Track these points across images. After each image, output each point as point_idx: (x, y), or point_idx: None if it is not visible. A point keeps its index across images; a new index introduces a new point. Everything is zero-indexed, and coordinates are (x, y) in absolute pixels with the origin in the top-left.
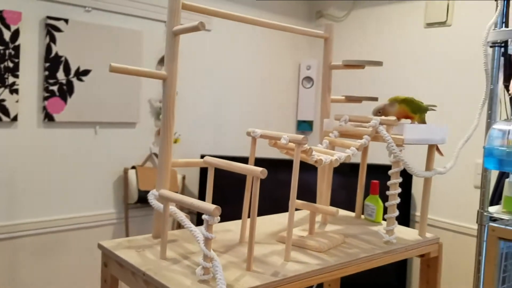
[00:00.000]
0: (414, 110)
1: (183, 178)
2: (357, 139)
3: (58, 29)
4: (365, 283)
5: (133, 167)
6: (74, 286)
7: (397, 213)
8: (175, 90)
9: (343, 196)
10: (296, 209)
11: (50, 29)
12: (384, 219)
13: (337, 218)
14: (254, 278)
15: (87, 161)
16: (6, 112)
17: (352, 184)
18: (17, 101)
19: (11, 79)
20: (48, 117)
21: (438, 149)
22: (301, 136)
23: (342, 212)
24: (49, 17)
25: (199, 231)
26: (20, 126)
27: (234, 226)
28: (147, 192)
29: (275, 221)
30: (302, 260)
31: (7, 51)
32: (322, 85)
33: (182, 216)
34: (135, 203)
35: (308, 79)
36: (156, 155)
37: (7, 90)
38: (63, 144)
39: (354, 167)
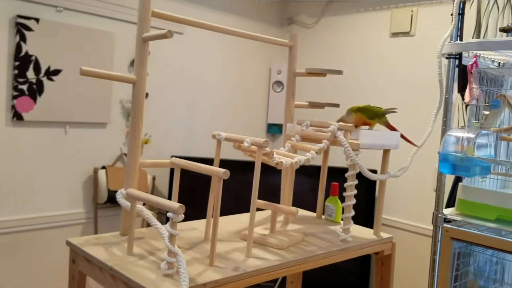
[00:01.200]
0: (370, 116)
1: (153, 178)
2: (317, 143)
3: (29, 28)
4: (329, 282)
5: (103, 167)
6: (42, 285)
7: (353, 213)
8: (144, 94)
9: (308, 198)
10: (259, 209)
11: (21, 28)
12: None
13: (298, 218)
14: (216, 273)
15: (56, 161)
16: None
17: (316, 186)
18: None
19: None
20: (17, 116)
21: (408, 140)
22: (262, 140)
23: (304, 212)
24: (19, 16)
25: (164, 228)
26: None
27: (199, 224)
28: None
29: (239, 220)
30: (262, 257)
31: None
32: (287, 91)
33: (149, 214)
34: (105, 203)
35: (279, 83)
36: (126, 155)
37: None
38: (32, 144)
39: (319, 170)
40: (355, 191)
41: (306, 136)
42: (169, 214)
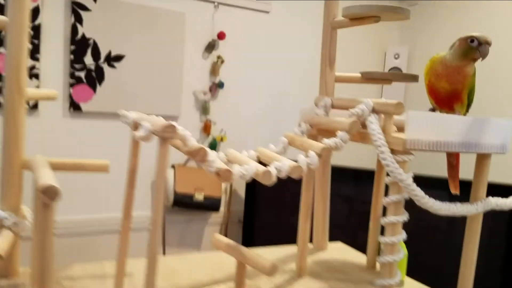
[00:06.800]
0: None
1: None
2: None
3: (85, 8)
4: None
5: (172, 166)
6: None
7: (396, 257)
8: None
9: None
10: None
11: (76, 8)
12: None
13: (335, 269)
14: None
15: (120, 157)
16: None
17: None
18: (37, 87)
19: (29, 62)
20: (74, 106)
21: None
22: None
23: (345, 249)
24: None
25: None
26: (41, 115)
27: None
28: (184, 195)
29: None
30: None
31: None
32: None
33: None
34: (172, 206)
35: (396, 70)
36: None
37: None
38: (91, 137)
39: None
40: (404, 236)
41: (317, 124)
42: None
